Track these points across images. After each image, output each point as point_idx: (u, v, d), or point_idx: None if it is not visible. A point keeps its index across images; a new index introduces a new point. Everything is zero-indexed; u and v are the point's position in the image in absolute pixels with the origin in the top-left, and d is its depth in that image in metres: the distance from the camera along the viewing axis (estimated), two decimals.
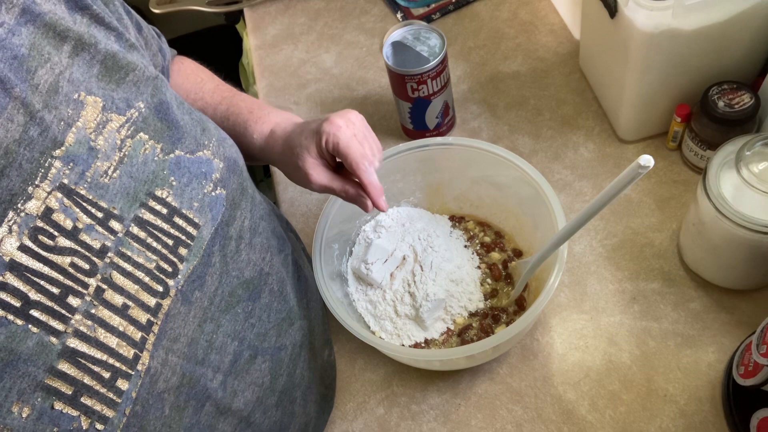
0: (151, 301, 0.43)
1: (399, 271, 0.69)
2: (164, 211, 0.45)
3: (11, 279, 0.36)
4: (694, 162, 0.76)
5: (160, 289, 0.44)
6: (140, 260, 0.43)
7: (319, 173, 0.58)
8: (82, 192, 0.40)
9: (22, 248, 0.37)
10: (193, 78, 0.66)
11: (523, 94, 0.90)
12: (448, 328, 0.69)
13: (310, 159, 0.57)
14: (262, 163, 0.66)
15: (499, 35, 0.97)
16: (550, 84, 0.90)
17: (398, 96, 0.83)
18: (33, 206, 0.38)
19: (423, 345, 0.69)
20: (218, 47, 1.46)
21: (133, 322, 0.42)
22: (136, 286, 0.42)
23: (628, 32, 0.68)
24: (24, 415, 0.36)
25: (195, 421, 0.47)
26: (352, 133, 0.56)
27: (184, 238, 0.46)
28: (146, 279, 0.43)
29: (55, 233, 0.39)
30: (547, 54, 0.93)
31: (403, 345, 0.68)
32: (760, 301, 0.68)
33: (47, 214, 0.38)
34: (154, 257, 0.44)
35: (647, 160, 0.45)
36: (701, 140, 0.72)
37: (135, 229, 0.43)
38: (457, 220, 0.77)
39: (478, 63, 0.94)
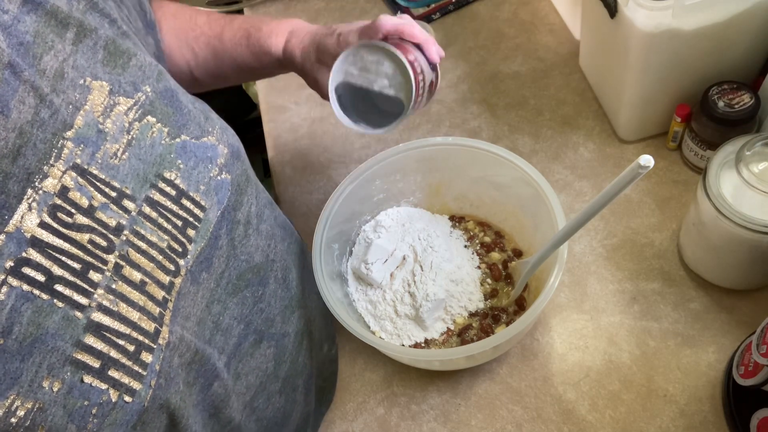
0: (165, 279, 0.44)
1: (399, 271, 0.69)
2: (173, 192, 0.46)
3: (34, 254, 0.37)
4: (694, 162, 0.76)
5: (172, 267, 0.45)
6: (153, 239, 0.44)
7: None
8: (95, 172, 0.41)
9: (42, 225, 0.38)
10: (182, 16, 0.67)
11: (523, 94, 0.90)
12: (448, 328, 0.69)
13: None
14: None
15: (499, 35, 0.97)
16: (550, 84, 0.90)
17: None
18: (50, 184, 0.38)
19: (423, 345, 0.69)
20: None
21: (151, 298, 0.42)
22: (152, 264, 0.43)
23: (628, 32, 0.68)
24: (55, 390, 0.36)
25: (201, 398, 0.48)
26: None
27: (191, 219, 0.47)
28: (160, 257, 0.44)
29: (73, 211, 0.39)
30: (547, 54, 0.93)
31: (403, 345, 0.68)
32: (760, 301, 0.68)
33: (64, 192, 0.39)
34: (166, 237, 0.44)
35: (647, 160, 0.45)
36: (701, 140, 0.73)
37: (147, 209, 0.44)
38: (457, 220, 0.77)
39: (478, 63, 0.94)
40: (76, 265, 0.39)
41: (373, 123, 0.58)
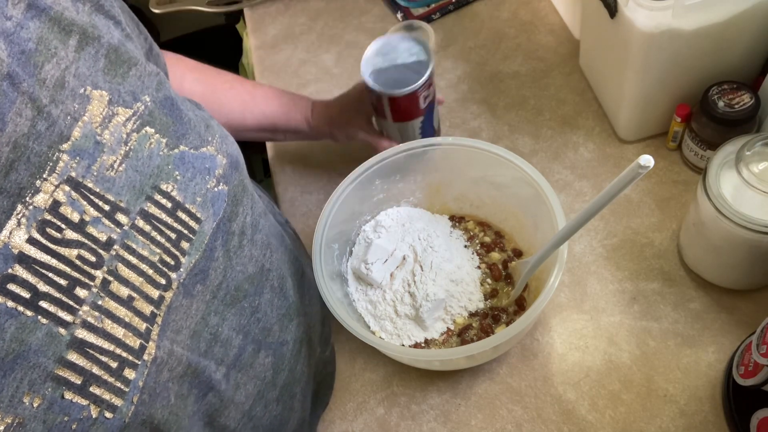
0: (155, 294, 0.43)
1: (399, 271, 0.69)
2: (169, 205, 0.45)
3: (20, 271, 0.36)
4: (694, 162, 0.76)
5: (163, 281, 0.44)
6: (145, 253, 0.43)
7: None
8: (90, 185, 0.41)
9: (31, 241, 0.37)
10: (207, 70, 0.75)
11: (523, 94, 0.90)
12: (448, 328, 0.69)
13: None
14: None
15: (499, 35, 0.97)
16: (550, 84, 0.90)
17: (404, 119, 0.72)
18: (41, 199, 0.38)
19: (423, 345, 0.69)
20: (218, 47, 1.46)
21: (138, 313, 0.42)
22: (141, 279, 0.43)
23: (628, 32, 0.68)
24: (35, 405, 0.36)
25: (196, 409, 0.47)
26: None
27: (186, 232, 0.46)
28: (150, 272, 0.43)
29: (63, 226, 0.39)
30: (547, 54, 0.93)
31: (403, 345, 0.68)
32: (760, 301, 0.68)
33: (55, 207, 0.39)
34: (158, 250, 0.44)
35: (647, 160, 0.45)
36: (701, 140, 0.73)
37: (140, 223, 0.43)
38: (457, 220, 0.77)
39: (478, 63, 0.94)
40: (63, 282, 0.38)
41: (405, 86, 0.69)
